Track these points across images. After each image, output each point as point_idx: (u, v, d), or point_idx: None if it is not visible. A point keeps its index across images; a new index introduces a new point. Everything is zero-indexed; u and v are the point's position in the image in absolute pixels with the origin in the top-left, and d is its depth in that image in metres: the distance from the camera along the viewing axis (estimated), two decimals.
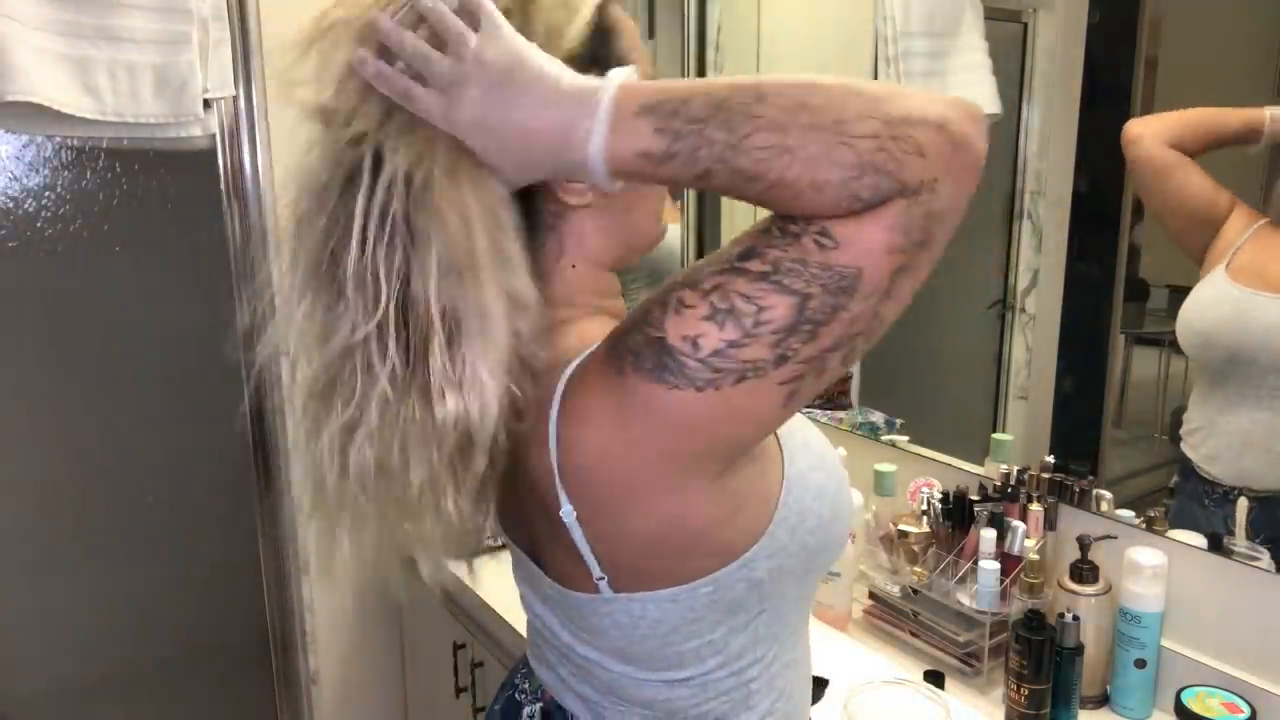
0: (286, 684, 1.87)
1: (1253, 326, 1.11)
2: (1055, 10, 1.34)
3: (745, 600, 0.67)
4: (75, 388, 2.42)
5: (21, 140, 1.95)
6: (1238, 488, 1.13)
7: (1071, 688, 1.10)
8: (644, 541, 0.63)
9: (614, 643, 0.69)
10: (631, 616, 0.67)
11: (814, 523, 0.69)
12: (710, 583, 0.65)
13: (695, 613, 0.66)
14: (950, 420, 1.56)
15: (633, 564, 0.65)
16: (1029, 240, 1.38)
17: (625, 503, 0.61)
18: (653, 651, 0.68)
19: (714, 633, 0.68)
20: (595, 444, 0.60)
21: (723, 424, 0.57)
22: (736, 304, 0.55)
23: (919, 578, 1.28)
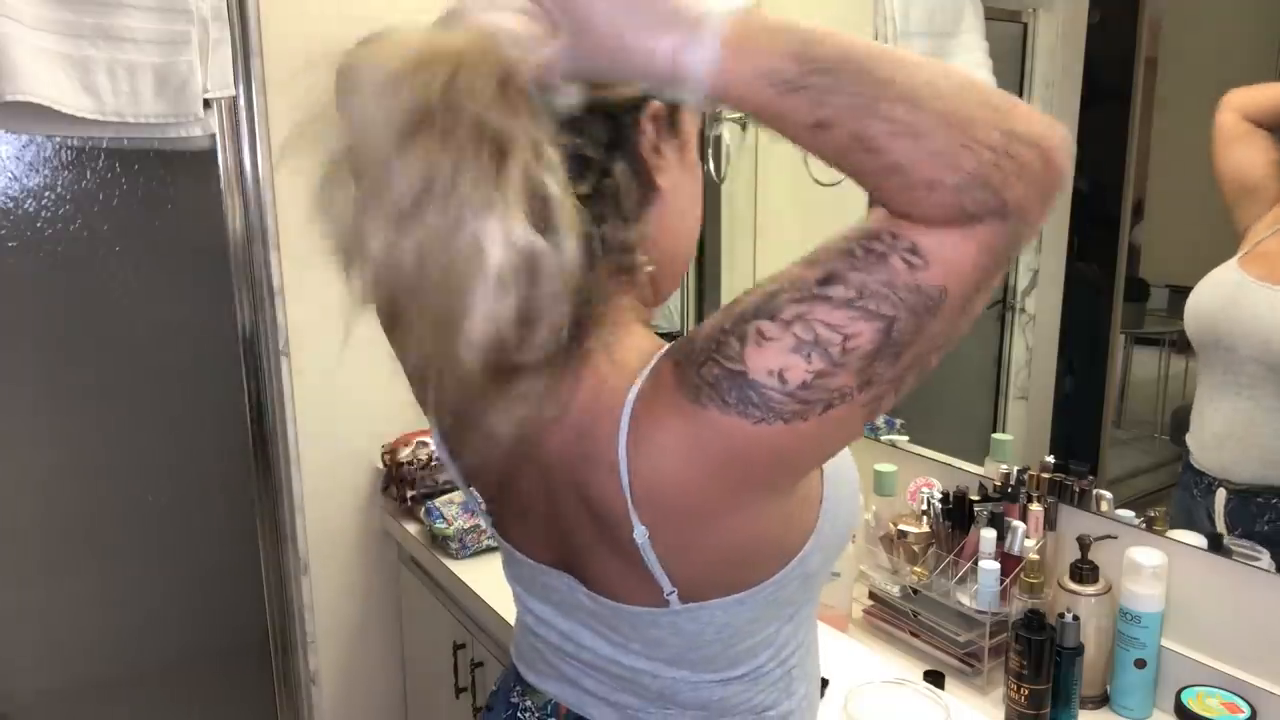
0: (286, 684, 1.87)
1: (1241, 313, 1.11)
2: (1055, 10, 1.34)
3: (798, 594, 0.68)
4: (75, 387, 2.42)
5: (21, 140, 1.95)
6: (1219, 479, 1.14)
7: (1071, 688, 1.10)
8: (717, 556, 0.63)
9: (672, 651, 0.68)
10: (699, 624, 0.66)
11: (848, 508, 0.70)
12: (773, 583, 0.65)
13: (756, 612, 0.66)
14: (950, 420, 1.56)
15: (704, 577, 0.64)
16: None
17: (701, 524, 0.61)
18: (714, 655, 0.68)
19: (769, 628, 0.69)
20: (671, 472, 0.59)
21: (807, 451, 0.58)
22: (821, 334, 0.52)
23: (919, 578, 1.28)
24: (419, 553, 1.70)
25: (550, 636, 0.77)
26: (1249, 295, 1.11)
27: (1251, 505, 1.11)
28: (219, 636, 2.60)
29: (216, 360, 1.96)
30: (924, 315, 0.52)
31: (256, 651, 1.92)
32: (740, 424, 0.55)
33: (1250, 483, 1.12)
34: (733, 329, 0.55)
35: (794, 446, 0.56)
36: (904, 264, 0.51)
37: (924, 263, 0.51)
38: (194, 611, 2.63)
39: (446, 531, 1.58)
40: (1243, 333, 1.11)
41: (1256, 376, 1.10)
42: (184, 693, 2.56)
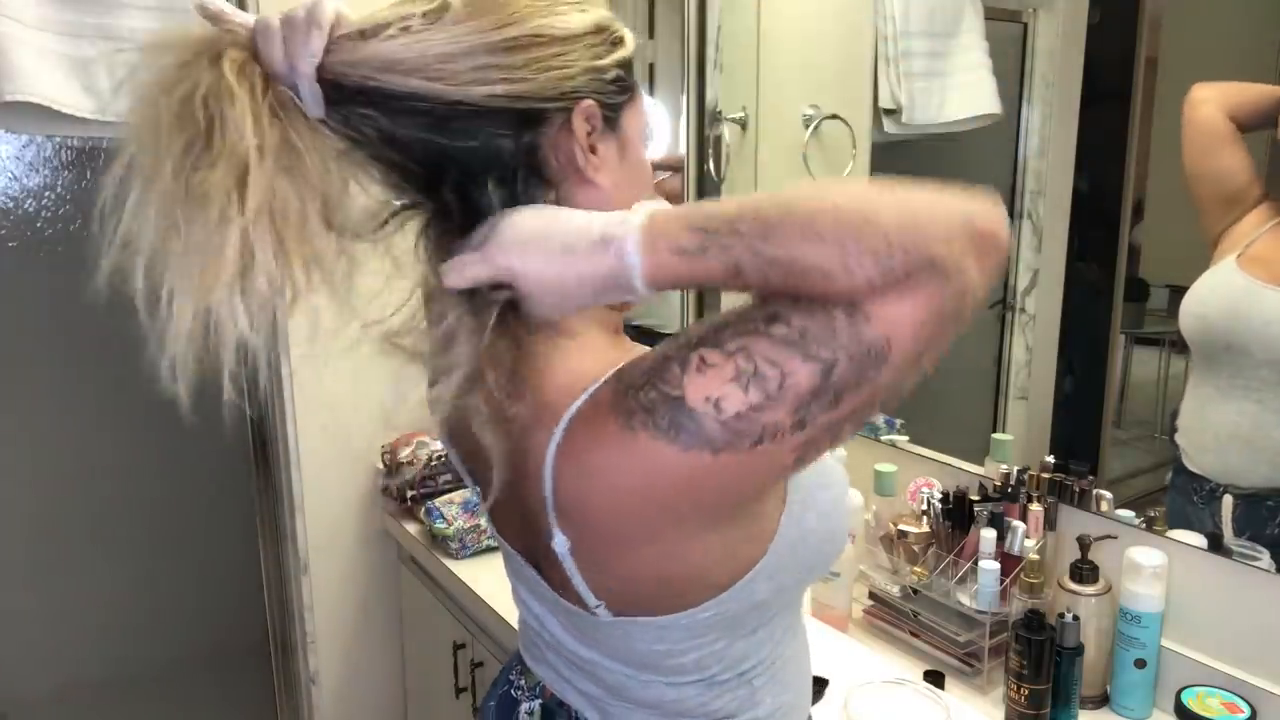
0: (286, 684, 1.87)
1: (1252, 317, 1.10)
2: (1055, 10, 1.34)
3: (746, 617, 0.68)
4: (75, 387, 2.42)
5: (21, 140, 1.95)
6: (1223, 484, 1.13)
7: (1071, 688, 1.10)
8: (637, 582, 0.64)
9: (616, 650, 0.70)
10: (630, 638, 0.67)
11: (816, 540, 0.69)
12: (712, 606, 0.65)
13: (695, 631, 0.67)
14: (950, 420, 1.56)
15: (628, 596, 0.65)
16: (1029, 240, 1.38)
17: (618, 548, 0.62)
18: (656, 661, 0.69)
19: (716, 644, 0.68)
20: (595, 492, 0.60)
21: (731, 485, 0.58)
22: (761, 367, 0.54)
23: (919, 578, 1.28)
24: (419, 553, 1.70)
25: (531, 621, 0.79)
26: (1260, 299, 1.10)
27: (1262, 509, 1.10)
28: (219, 636, 2.61)
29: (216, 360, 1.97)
30: (866, 364, 0.53)
31: (256, 651, 1.92)
32: (669, 450, 0.56)
33: (1260, 487, 1.11)
34: (675, 355, 0.57)
35: (719, 480, 0.57)
36: (845, 317, 0.53)
37: (865, 318, 0.53)
38: (194, 611, 2.64)
39: (446, 531, 1.58)
40: (1256, 337, 1.10)
41: (1269, 380, 1.09)
42: (184, 692, 2.57)
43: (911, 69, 1.51)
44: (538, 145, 0.64)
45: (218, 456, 2.23)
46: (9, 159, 2.06)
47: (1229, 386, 1.13)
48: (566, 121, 0.64)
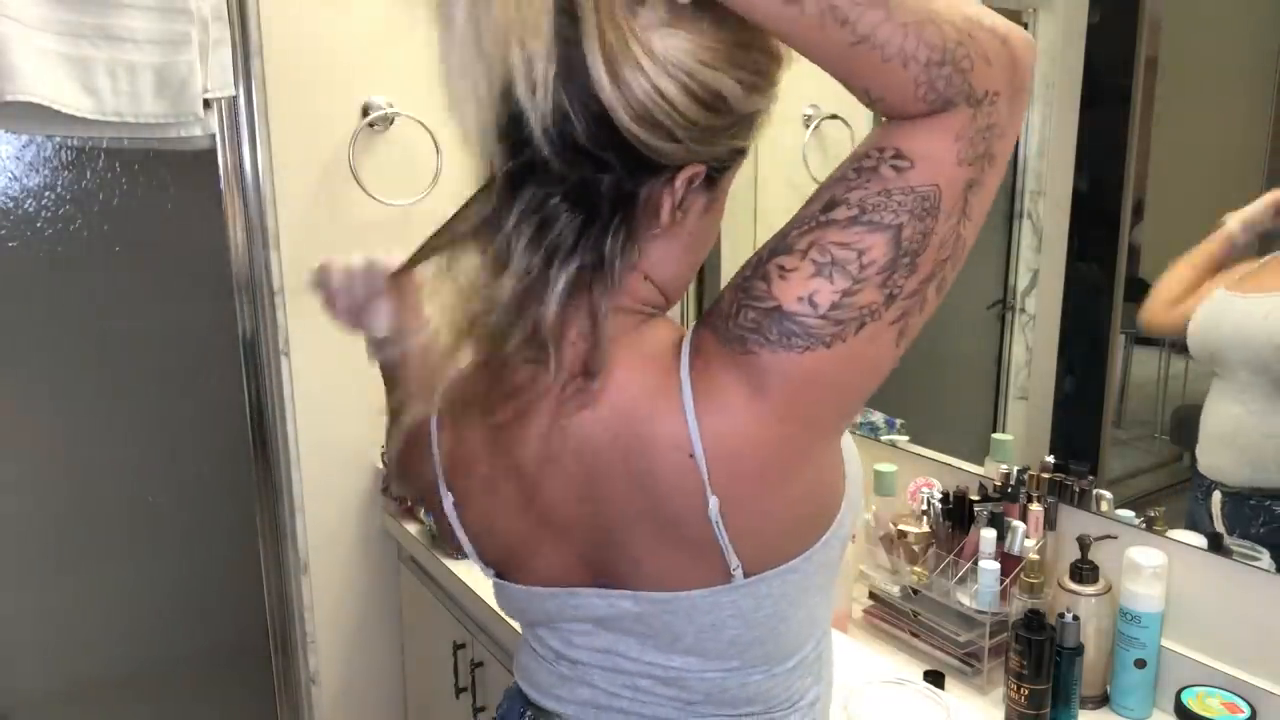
0: (286, 684, 1.87)
1: (1223, 326, 1.14)
2: (1055, 10, 1.34)
3: (836, 560, 0.69)
4: (75, 387, 2.42)
5: (21, 140, 1.95)
6: (1215, 482, 1.15)
7: (1071, 688, 1.10)
8: (784, 519, 0.64)
9: (728, 637, 0.67)
10: (757, 598, 0.66)
11: (854, 472, 0.70)
12: (821, 544, 0.66)
13: (807, 579, 0.67)
14: (950, 420, 1.56)
15: (768, 545, 0.64)
16: (1029, 240, 1.38)
17: (773, 482, 0.61)
18: (766, 635, 0.68)
19: (814, 598, 0.69)
20: (742, 428, 0.59)
21: (854, 375, 0.59)
22: (836, 254, 0.55)
23: (919, 578, 1.28)
24: (419, 553, 1.70)
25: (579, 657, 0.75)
26: (1230, 308, 1.14)
27: (1245, 508, 1.12)
28: (219, 636, 2.60)
29: (216, 360, 1.96)
30: (925, 217, 0.55)
31: (256, 651, 1.92)
32: (789, 357, 0.57)
33: (1241, 485, 1.13)
34: (754, 274, 0.58)
35: (842, 370, 0.58)
36: (893, 170, 0.54)
37: (910, 164, 0.54)
38: (194, 611, 2.63)
39: None
40: (1228, 343, 1.14)
41: (1245, 383, 1.12)
42: (184, 692, 2.56)
43: None
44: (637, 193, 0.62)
45: (218, 456, 2.23)
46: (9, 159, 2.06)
47: (1220, 389, 1.16)
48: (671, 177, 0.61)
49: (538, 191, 0.62)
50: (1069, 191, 1.30)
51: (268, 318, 1.67)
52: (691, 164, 0.61)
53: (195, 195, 1.92)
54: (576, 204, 0.62)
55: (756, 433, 0.59)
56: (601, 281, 0.63)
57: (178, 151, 1.62)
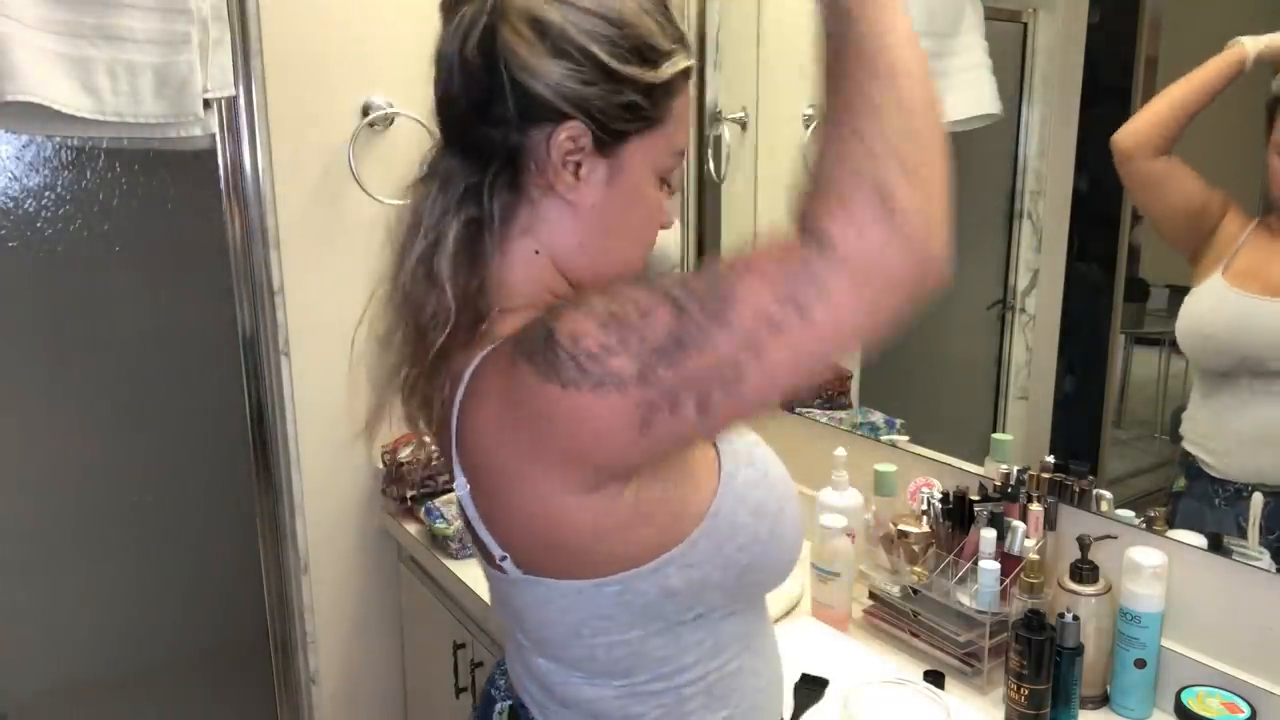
0: (286, 684, 1.87)
1: (1259, 332, 1.11)
2: (1055, 10, 1.34)
3: (661, 607, 0.67)
4: (75, 387, 2.42)
5: (21, 140, 1.95)
6: (1252, 484, 1.13)
7: (1071, 688, 1.10)
8: (527, 531, 0.64)
9: (532, 624, 0.70)
10: (538, 598, 0.68)
11: (745, 539, 0.68)
12: (617, 583, 0.65)
13: (603, 609, 0.66)
14: (950, 420, 1.56)
15: (527, 549, 0.66)
16: (1029, 240, 1.38)
17: (504, 487, 0.63)
18: (566, 641, 0.69)
19: (627, 634, 0.67)
20: (483, 423, 0.62)
21: (579, 430, 0.57)
22: (628, 313, 0.55)
23: (919, 578, 1.28)
24: (419, 553, 1.70)
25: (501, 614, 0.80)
26: (1262, 313, 1.10)
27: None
28: (219, 636, 2.61)
29: (216, 360, 1.96)
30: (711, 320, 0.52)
31: (256, 651, 1.92)
32: (530, 378, 0.58)
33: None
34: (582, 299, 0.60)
35: (565, 416, 0.57)
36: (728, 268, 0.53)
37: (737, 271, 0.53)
38: (194, 611, 2.64)
39: (446, 531, 1.58)
40: (1270, 349, 1.10)
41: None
42: (184, 692, 2.57)
43: None
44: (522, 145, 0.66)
45: (218, 456, 2.23)
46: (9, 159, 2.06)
47: (1249, 395, 1.13)
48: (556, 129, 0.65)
49: (443, 153, 0.69)
50: (1069, 191, 1.30)
51: (268, 318, 1.67)
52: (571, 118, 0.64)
53: (195, 195, 1.92)
54: (468, 158, 0.67)
55: (491, 432, 0.62)
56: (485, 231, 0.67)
57: (178, 151, 1.62)
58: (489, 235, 0.67)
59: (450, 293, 0.66)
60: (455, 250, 0.66)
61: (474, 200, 0.67)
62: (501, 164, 0.66)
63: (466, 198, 0.67)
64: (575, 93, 0.63)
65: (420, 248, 0.68)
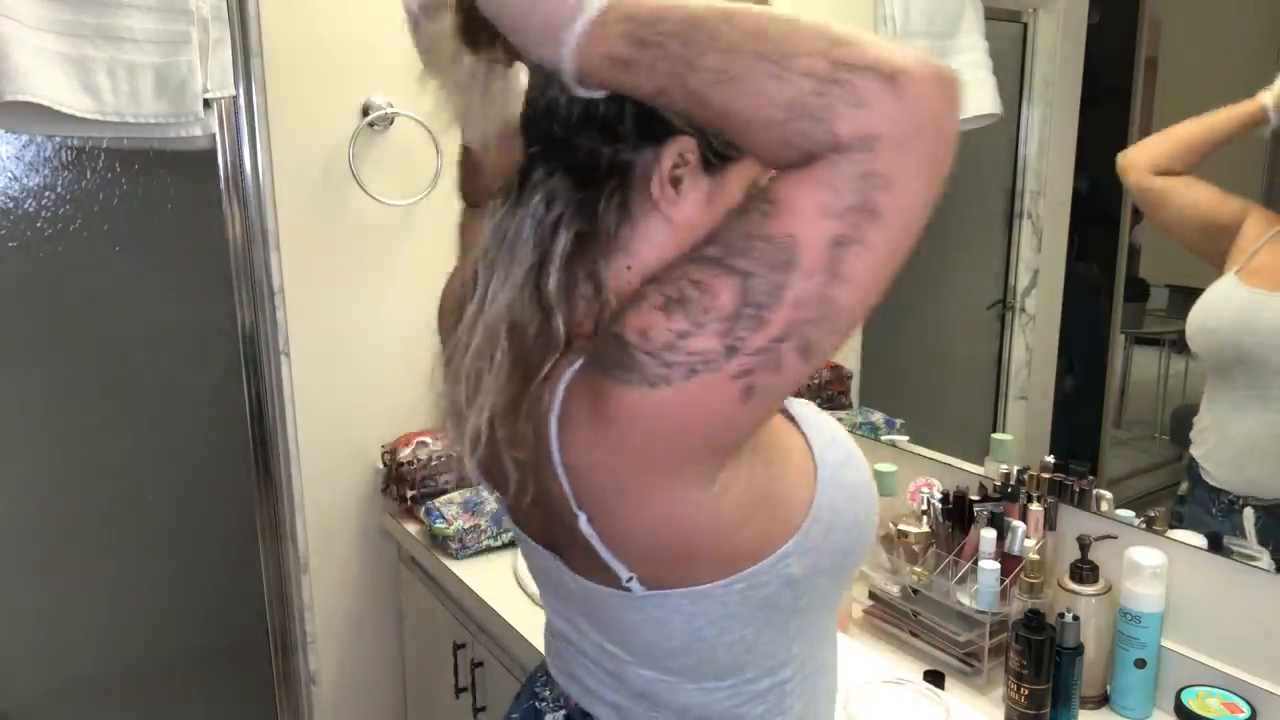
0: (286, 684, 1.87)
1: (1260, 327, 1.10)
2: (1055, 10, 1.34)
3: (779, 598, 0.66)
4: (75, 387, 2.42)
5: (21, 140, 1.95)
6: (1243, 496, 1.12)
7: (1071, 688, 1.10)
8: (653, 544, 0.62)
9: (646, 640, 0.68)
10: (665, 612, 0.65)
11: (849, 522, 0.68)
12: (743, 579, 0.63)
13: (729, 608, 0.65)
14: (950, 420, 1.56)
15: (654, 563, 0.63)
16: (1029, 240, 1.38)
17: (623, 506, 0.60)
18: (685, 648, 0.67)
19: (746, 629, 0.66)
20: (582, 447, 0.60)
21: (683, 423, 0.55)
22: (686, 292, 0.53)
23: (919, 578, 1.28)
24: (419, 553, 1.70)
25: (559, 625, 0.78)
26: (1267, 307, 1.10)
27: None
28: (219, 636, 2.60)
29: (216, 360, 1.96)
30: (778, 270, 0.50)
31: (256, 651, 1.92)
32: (614, 388, 0.55)
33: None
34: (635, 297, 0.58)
35: (663, 414, 0.54)
36: (760, 215, 0.51)
37: (773, 209, 0.51)
38: (194, 611, 2.63)
39: (446, 531, 1.58)
40: (1269, 347, 1.09)
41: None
42: (184, 692, 2.57)
43: None
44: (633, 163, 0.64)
45: (217, 456, 2.23)
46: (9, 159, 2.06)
47: (1245, 399, 1.12)
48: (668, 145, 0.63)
49: (545, 169, 0.65)
50: (1069, 191, 1.30)
51: (268, 318, 1.67)
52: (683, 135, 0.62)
53: (195, 195, 1.92)
54: (577, 177, 0.64)
55: (593, 455, 0.59)
56: (598, 246, 0.64)
57: (178, 151, 1.62)
58: (604, 253, 0.64)
59: (561, 316, 0.62)
60: (564, 269, 0.63)
61: (586, 217, 0.64)
62: (618, 181, 0.64)
63: (578, 213, 0.64)
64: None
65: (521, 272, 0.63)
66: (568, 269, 0.63)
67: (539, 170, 0.65)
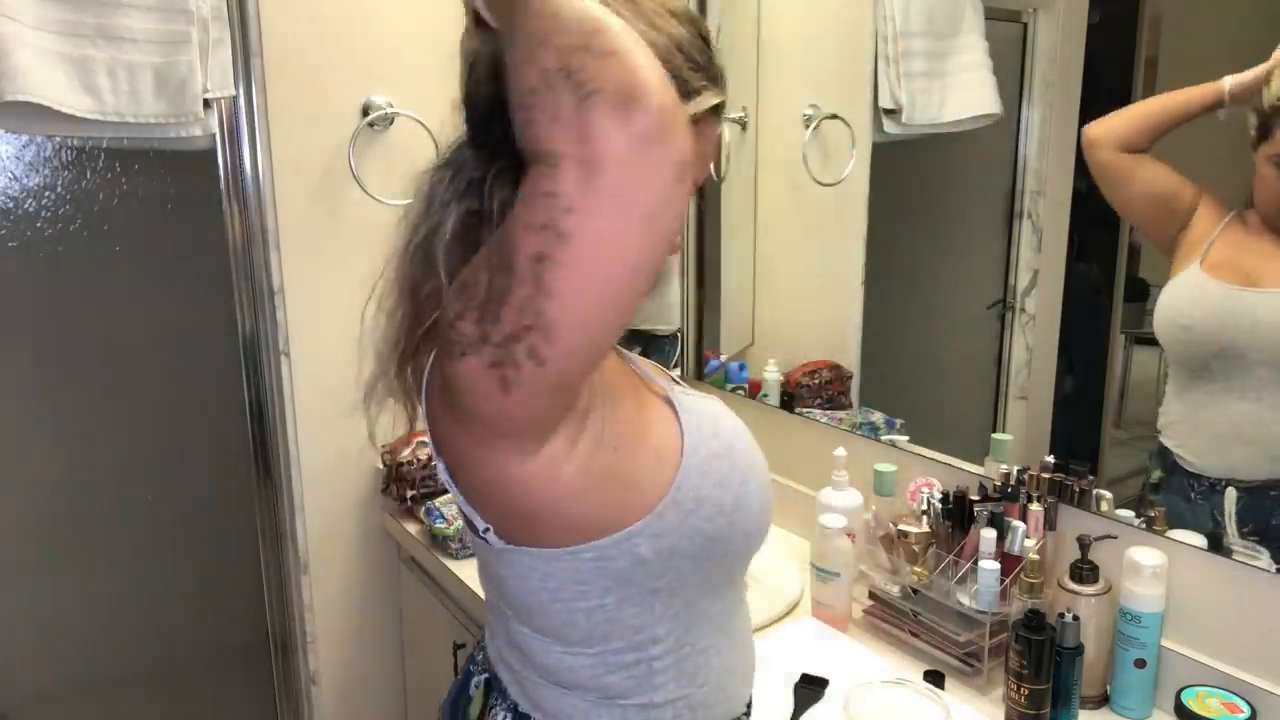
0: (286, 684, 1.87)
1: (1240, 322, 1.11)
2: (1055, 10, 1.34)
3: (633, 574, 0.70)
4: (75, 387, 2.42)
5: (21, 140, 1.95)
6: (1225, 479, 1.14)
7: (1071, 688, 1.10)
8: (491, 501, 0.67)
9: (512, 594, 0.73)
10: (521, 569, 0.70)
11: (711, 510, 0.71)
12: (590, 549, 0.68)
13: (581, 575, 0.69)
14: (950, 420, 1.56)
15: (500, 518, 0.68)
16: (1029, 240, 1.38)
17: (463, 464, 0.66)
18: (546, 608, 0.72)
19: (604, 599, 0.70)
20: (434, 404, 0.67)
21: (468, 399, 0.59)
22: (466, 276, 0.58)
23: (919, 578, 1.28)
24: (419, 553, 1.70)
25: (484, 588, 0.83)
26: (1243, 303, 1.11)
27: (1266, 500, 1.11)
28: (219, 636, 2.60)
29: (216, 360, 1.96)
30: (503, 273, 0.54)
31: (256, 651, 1.92)
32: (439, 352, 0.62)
33: (1263, 479, 1.11)
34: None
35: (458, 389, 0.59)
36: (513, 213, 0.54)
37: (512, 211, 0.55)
38: (194, 611, 2.63)
39: (446, 531, 1.58)
40: (1248, 341, 1.11)
41: (1266, 379, 1.10)
42: (184, 692, 2.56)
43: (911, 69, 1.51)
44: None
45: (218, 456, 2.23)
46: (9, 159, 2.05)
47: (1224, 390, 1.14)
48: None
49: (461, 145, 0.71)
50: (1069, 191, 1.30)
51: (268, 318, 1.67)
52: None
53: (195, 195, 1.92)
54: (479, 153, 0.68)
55: (440, 415, 0.66)
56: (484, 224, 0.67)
57: (178, 151, 1.62)
58: (487, 230, 0.68)
59: (445, 279, 0.67)
60: (452, 239, 0.68)
61: (476, 194, 0.68)
62: (506, 163, 0.66)
63: (470, 190, 0.68)
64: None
65: (423, 231, 0.70)
66: (457, 240, 0.68)
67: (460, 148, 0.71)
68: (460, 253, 0.68)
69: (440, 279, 0.68)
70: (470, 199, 0.68)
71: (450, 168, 0.71)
